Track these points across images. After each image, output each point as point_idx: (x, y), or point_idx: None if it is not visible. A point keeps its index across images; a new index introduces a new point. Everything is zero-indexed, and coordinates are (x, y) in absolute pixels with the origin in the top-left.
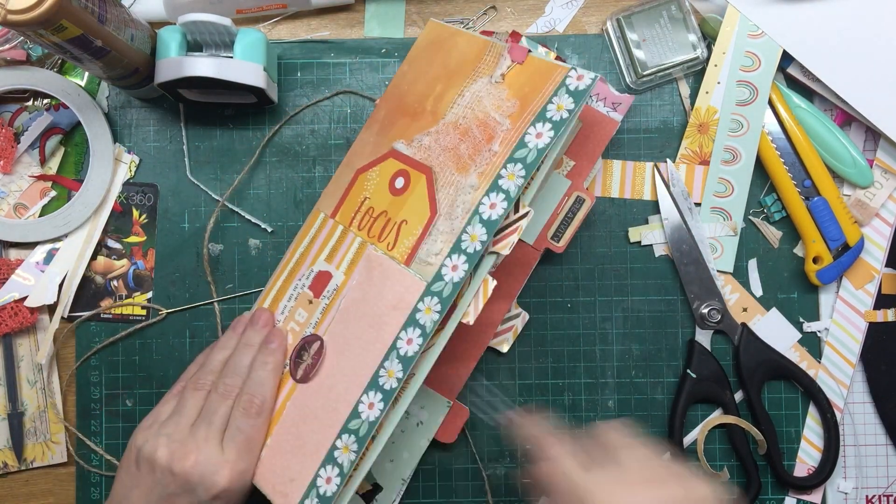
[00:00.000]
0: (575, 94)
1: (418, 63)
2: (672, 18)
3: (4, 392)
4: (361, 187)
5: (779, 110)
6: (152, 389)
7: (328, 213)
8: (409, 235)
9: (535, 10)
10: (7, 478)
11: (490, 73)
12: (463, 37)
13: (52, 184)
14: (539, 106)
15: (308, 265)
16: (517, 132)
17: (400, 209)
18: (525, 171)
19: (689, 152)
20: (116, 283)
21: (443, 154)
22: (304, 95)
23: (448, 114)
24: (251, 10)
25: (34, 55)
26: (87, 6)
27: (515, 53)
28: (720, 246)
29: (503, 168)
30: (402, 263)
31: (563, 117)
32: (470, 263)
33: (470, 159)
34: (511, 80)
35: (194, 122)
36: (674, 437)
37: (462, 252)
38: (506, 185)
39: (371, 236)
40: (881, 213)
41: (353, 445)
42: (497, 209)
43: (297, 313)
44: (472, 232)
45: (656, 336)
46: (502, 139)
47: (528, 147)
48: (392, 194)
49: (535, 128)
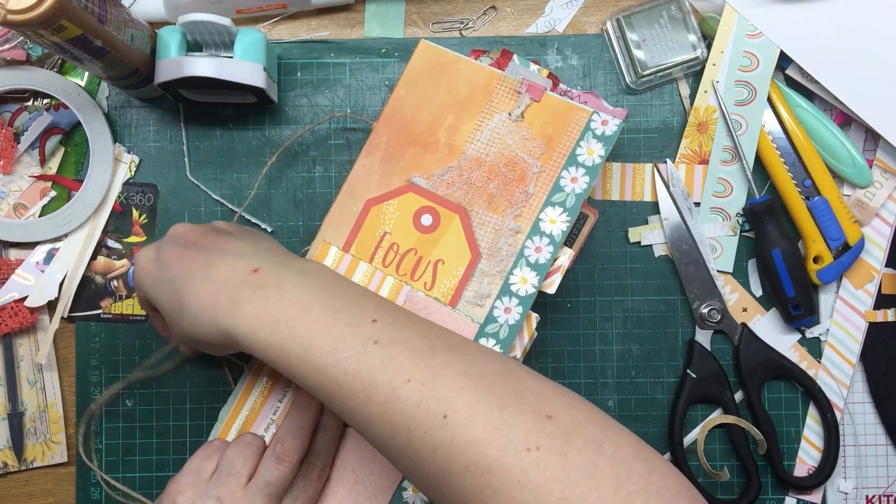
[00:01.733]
0: (603, 140)
1: (418, 87)
2: (672, 18)
3: (4, 392)
4: (377, 220)
5: (779, 110)
6: (152, 389)
7: (339, 247)
8: (449, 276)
9: (535, 10)
10: (7, 478)
11: (507, 108)
12: (465, 64)
13: (52, 184)
14: (567, 149)
15: None
16: (551, 175)
17: (432, 247)
18: (568, 216)
19: (689, 152)
20: (116, 283)
21: (469, 192)
22: (303, 95)
23: (468, 148)
24: (251, 10)
25: (34, 55)
26: (87, 6)
27: (532, 91)
28: (720, 246)
29: (542, 211)
30: (448, 304)
31: (596, 162)
32: (524, 306)
33: (504, 200)
34: (531, 119)
35: (194, 122)
36: (674, 437)
37: (513, 295)
38: (548, 228)
39: (402, 274)
40: (881, 213)
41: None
42: (543, 253)
43: None
44: (521, 275)
45: (656, 336)
46: (536, 181)
47: (566, 191)
48: (419, 231)
49: (569, 171)
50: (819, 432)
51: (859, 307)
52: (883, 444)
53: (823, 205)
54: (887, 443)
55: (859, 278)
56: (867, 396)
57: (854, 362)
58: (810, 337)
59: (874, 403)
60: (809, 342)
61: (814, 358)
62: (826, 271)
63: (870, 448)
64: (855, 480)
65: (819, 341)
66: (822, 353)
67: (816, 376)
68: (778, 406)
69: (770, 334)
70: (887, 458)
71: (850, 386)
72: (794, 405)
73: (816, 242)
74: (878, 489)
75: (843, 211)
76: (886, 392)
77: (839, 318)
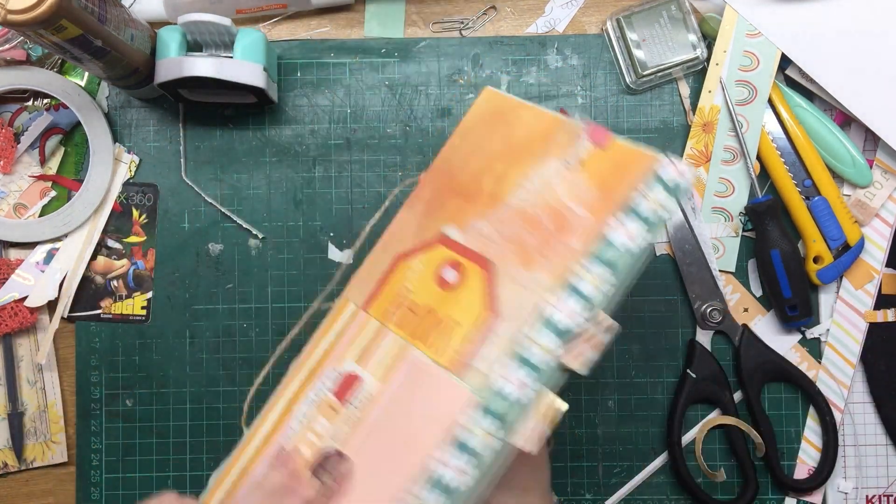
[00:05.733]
0: (670, 190)
1: (474, 136)
2: (672, 18)
3: (4, 392)
4: (402, 277)
5: (779, 110)
6: (152, 389)
7: (359, 305)
8: (462, 339)
9: (535, 10)
10: (7, 478)
11: (563, 154)
12: (528, 110)
13: (52, 184)
14: (627, 199)
15: (333, 365)
16: (599, 226)
17: (451, 307)
18: (615, 278)
19: (695, 151)
20: (116, 283)
21: (504, 245)
22: (304, 95)
23: (511, 198)
24: (251, 10)
25: (34, 55)
26: (87, 6)
27: (596, 135)
28: (722, 246)
29: (582, 268)
30: (452, 372)
31: (661, 216)
32: (542, 382)
33: (539, 253)
34: (591, 168)
35: (194, 122)
36: (673, 437)
37: (528, 364)
38: (586, 288)
39: (414, 337)
40: (881, 213)
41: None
42: (576, 318)
43: (317, 422)
44: (543, 343)
45: (656, 336)
46: (581, 233)
47: (616, 247)
48: (440, 288)
49: (624, 224)
50: (819, 433)
51: (859, 307)
52: (883, 444)
53: (823, 205)
54: (887, 443)
55: (859, 278)
56: (867, 397)
57: (854, 363)
58: (811, 338)
59: (874, 404)
60: (810, 343)
61: (814, 358)
62: (826, 271)
63: (870, 448)
64: (855, 480)
65: (819, 342)
66: (822, 353)
67: (817, 377)
68: (778, 406)
69: (771, 335)
70: (887, 458)
71: (850, 386)
72: (794, 405)
73: (816, 242)
74: (878, 489)
75: (843, 211)
76: (886, 392)
77: (839, 319)
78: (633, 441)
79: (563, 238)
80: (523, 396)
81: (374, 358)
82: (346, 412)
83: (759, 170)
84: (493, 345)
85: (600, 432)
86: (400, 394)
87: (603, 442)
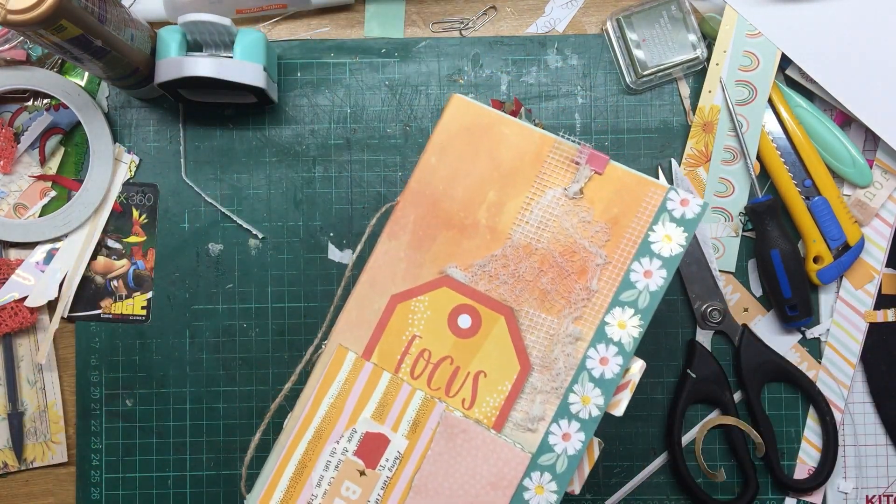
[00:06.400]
0: (683, 224)
1: (451, 155)
2: (672, 18)
3: (4, 392)
4: (404, 321)
5: (779, 110)
6: (152, 389)
7: (359, 353)
8: (493, 392)
9: (535, 10)
10: (7, 478)
11: (562, 182)
12: (510, 126)
13: (52, 184)
14: (639, 235)
15: (346, 423)
16: (619, 268)
17: (472, 356)
18: (642, 320)
19: (695, 152)
20: (116, 283)
21: (517, 287)
22: (303, 95)
23: (514, 233)
24: (251, 10)
25: (34, 55)
26: (87, 6)
27: (593, 161)
28: (722, 246)
29: (608, 313)
30: (491, 428)
31: (675, 252)
32: (586, 432)
33: (560, 297)
34: (592, 196)
35: (194, 122)
36: (672, 437)
37: (573, 417)
38: (616, 334)
39: (435, 389)
40: (881, 213)
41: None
42: (611, 365)
43: (345, 487)
44: (582, 393)
45: (656, 336)
46: (601, 275)
47: (638, 289)
48: (456, 336)
49: (642, 264)
50: (819, 433)
51: (859, 307)
52: (883, 444)
53: (823, 205)
54: (887, 443)
55: (859, 278)
56: (867, 397)
57: (854, 363)
58: (811, 337)
59: (874, 404)
60: (810, 343)
61: (814, 358)
62: (826, 271)
63: (870, 448)
64: (855, 480)
65: (819, 342)
66: (822, 353)
67: (817, 377)
68: (778, 406)
69: (771, 334)
70: (887, 458)
71: (850, 386)
72: (794, 405)
73: (816, 242)
74: (878, 489)
75: (843, 211)
76: (886, 392)
77: (839, 319)
78: (633, 441)
79: (582, 281)
80: (573, 449)
81: (396, 414)
82: (376, 475)
83: (759, 170)
84: (533, 399)
85: (600, 432)
86: (437, 452)
87: (603, 442)
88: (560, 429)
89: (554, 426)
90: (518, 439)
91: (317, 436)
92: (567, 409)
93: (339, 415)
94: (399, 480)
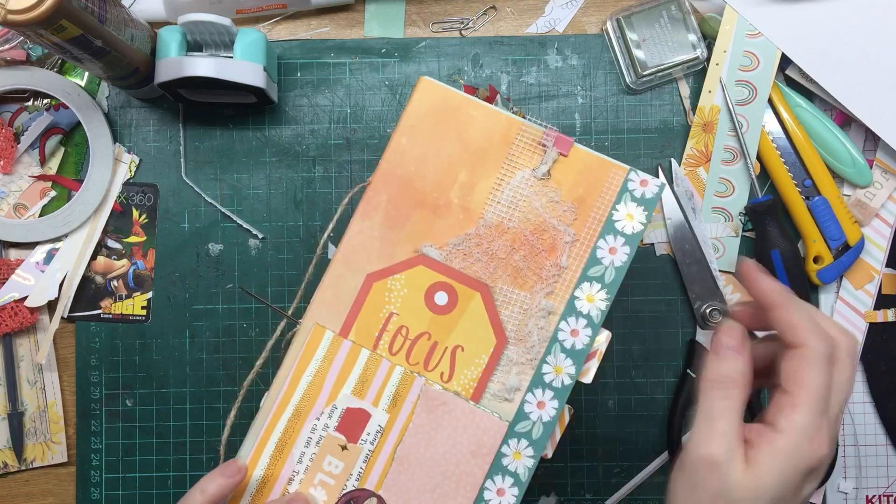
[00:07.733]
0: (643, 203)
1: (421, 136)
2: (672, 18)
3: (4, 392)
4: (380, 299)
5: (779, 110)
6: (152, 389)
7: (336, 331)
8: (471, 365)
9: (535, 10)
10: (7, 478)
11: (530, 164)
12: (478, 109)
13: (52, 184)
14: (603, 214)
15: (326, 400)
16: (585, 245)
17: (448, 332)
18: (607, 294)
19: (695, 152)
20: (116, 283)
21: (491, 264)
22: (303, 95)
23: (486, 212)
24: (251, 10)
25: (34, 55)
26: (87, 6)
27: (560, 144)
28: (722, 246)
29: (577, 288)
30: (469, 399)
31: (636, 230)
32: (560, 399)
33: (532, 274)
34: (559, 177)
35: (194, 122)
36: (673, 438)
37: (547, 386)
38: (585, 308)
39: (413, 364)
40: (881, 213)
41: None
42: (581, 337)
43: (327, 462)
44: (555, 364)
45: (656, 336)
46: (569, 252)
47: (604, 264)
48: (433, 312)
49: (606, 241)
50: None
51: (859, 307)
52: (883, 444)
53: (823, 205)
54: (887, 443)
55: (859, 278)
56: (867, 397)
57: None
58: None
59: (874, 403)
60: None
61: None
62: (826, 271)
63: (870, 448)
64: (855, 480)
65: None
66: None
67: None
68: None
69: None
70: (887, 458)
71: None
72: None
73: (816, 242)
74: (878, 489)
75: (843, 211)
76: (886, 392)
77: (839, 319)
78: (633, 441)
79: (552, 258)
80: (547, 416)
81: (374, 389)
82: (358, 449)
83: (759, 170)
84: (509, 371)
85: (600, 432)
86: (418, 425)
87: (603, 442)
88: (535, 397)
89: (529, 395)
90: (496, 409)
91: (296, 414)
92: (541, 379)
93: (319, 392)
94: (381, 453)
